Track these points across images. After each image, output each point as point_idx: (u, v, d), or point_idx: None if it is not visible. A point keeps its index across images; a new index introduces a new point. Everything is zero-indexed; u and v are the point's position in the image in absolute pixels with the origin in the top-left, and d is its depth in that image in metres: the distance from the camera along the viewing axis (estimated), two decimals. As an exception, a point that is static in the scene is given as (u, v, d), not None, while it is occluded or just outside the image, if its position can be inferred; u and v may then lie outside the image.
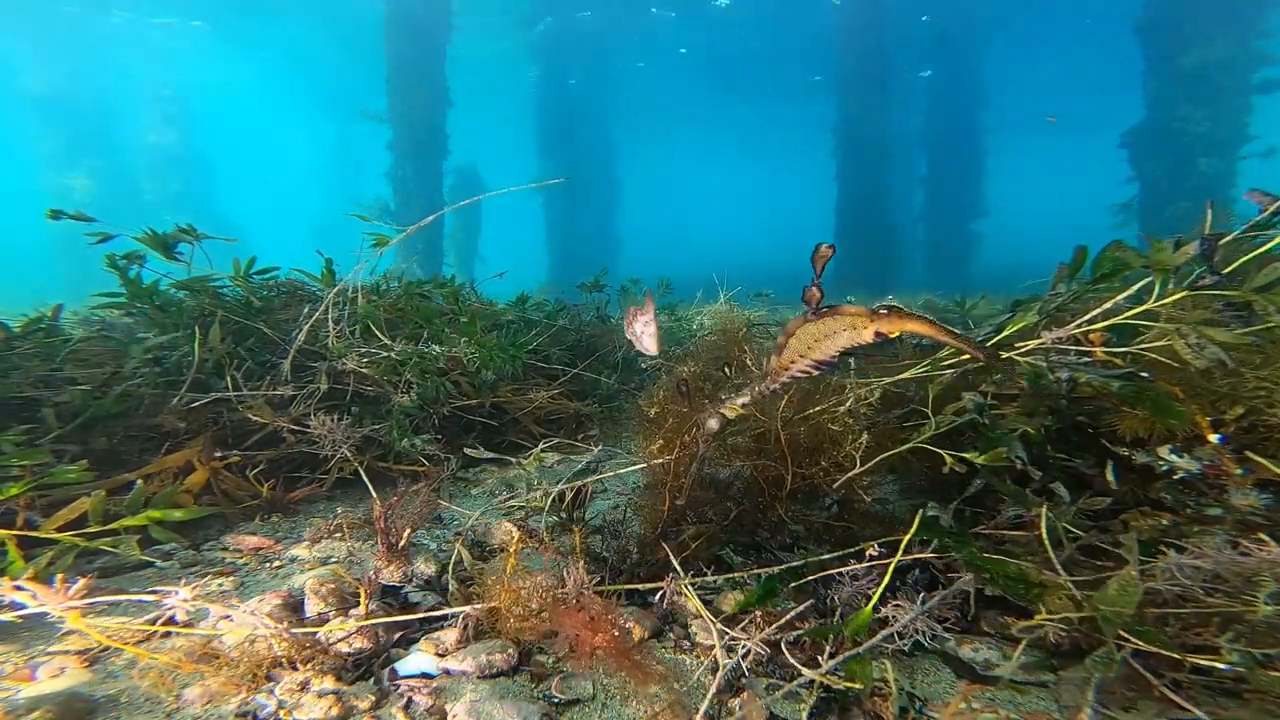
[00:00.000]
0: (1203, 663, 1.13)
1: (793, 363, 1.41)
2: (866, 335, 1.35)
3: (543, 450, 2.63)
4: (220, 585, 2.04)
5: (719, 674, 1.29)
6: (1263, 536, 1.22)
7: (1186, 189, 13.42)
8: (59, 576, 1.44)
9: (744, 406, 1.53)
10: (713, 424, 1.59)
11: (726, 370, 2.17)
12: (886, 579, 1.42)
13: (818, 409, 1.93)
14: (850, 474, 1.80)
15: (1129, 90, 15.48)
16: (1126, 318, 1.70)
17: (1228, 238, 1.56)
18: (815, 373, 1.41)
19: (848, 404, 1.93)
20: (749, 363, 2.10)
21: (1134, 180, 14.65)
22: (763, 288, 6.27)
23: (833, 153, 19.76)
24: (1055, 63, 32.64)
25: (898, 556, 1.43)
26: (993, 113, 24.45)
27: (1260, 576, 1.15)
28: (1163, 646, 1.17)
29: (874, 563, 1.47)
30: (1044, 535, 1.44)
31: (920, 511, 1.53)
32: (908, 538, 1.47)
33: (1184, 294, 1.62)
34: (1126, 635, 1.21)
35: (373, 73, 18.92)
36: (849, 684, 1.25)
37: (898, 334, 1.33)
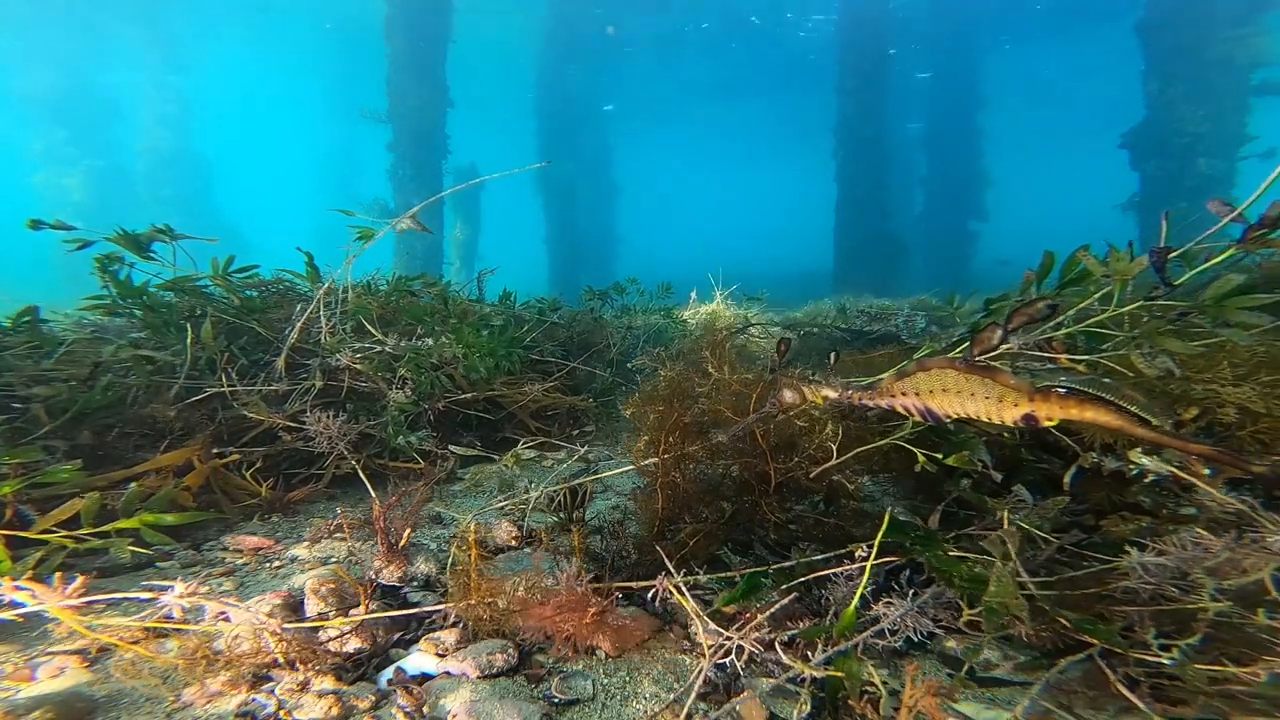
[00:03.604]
0: (1148, 659, 1.16)
1: (904, 395, 1.24)
2: (1010, 415, 1.10)
3: (536, 447, 2.63)
4: (220, 585, 2.04)
5: (702, 670, 1.31)
6: (1200, 531, 1.26)
7: (1186, 189, 13.41)
8: (57, 575, 1.44)
9: (825, 398, 1.45)
10: (788, 395, 1.47)
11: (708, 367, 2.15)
12: (865, 578, 1.44)
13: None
14: (826, 465, 1.80)
15: (1129, 90, 15.47)
16: (1087, 326, 1.75)
17: (1176, 252, 1.61)
18: (916, 416, 1.24)
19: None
20: (713, 369, 2.09)
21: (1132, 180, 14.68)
22: (762, 289, 6.34)
23: (833, 153, 19.75)
24: (1055, 63, 32.68)
25: (872, 556, 1.46)
26: (992, 113, 24.46)
27: (1196, 573, 1.18)
28: (1111, 643, 1.20)
29: (865, 563, 1.48)
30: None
31: (888, 512, 1.55)
32: (878, 538, 1.49)
33: (1139, 305, 1.69)
34: (1089, 634, 1.24)
35: (373, 73, 18.90)
36: (832, 674, 1.28)
37: (1055, 423, 1.06)
